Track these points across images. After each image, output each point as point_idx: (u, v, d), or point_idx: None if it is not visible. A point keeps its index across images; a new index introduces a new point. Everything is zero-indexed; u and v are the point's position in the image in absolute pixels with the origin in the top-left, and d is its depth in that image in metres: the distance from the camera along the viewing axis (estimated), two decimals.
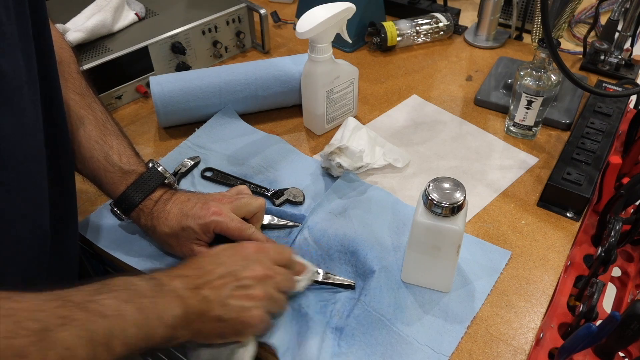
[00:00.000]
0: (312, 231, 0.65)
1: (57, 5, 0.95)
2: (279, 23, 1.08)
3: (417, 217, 0.53)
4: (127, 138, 0.64)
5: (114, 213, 0.61)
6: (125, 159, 0.61)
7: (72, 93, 0.61)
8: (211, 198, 0.61)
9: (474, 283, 0.60)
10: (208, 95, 0.79)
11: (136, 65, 0.86)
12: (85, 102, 0.62)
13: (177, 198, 0.60)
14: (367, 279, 0.59)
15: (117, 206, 0.60)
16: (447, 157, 0.77)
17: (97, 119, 0.62)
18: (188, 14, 0.93)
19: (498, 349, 0.54)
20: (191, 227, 0.57)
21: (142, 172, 0.61)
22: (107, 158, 0.60)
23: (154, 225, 0.59)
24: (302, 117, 0.83)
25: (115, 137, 0.62)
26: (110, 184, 0.60)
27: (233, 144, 0.79)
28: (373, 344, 0.54)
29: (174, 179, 0.64)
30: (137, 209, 0.59)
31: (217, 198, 0.61)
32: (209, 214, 0.58)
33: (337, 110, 0.80)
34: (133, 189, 0.60)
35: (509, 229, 0.67)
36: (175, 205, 0.59)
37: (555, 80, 0.74)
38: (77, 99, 0.61)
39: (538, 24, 0.91)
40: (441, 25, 1.01)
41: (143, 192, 0.60)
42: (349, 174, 0.72)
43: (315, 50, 0.72)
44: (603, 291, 0.55)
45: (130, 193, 0.59)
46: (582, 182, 0.67)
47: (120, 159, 0.61)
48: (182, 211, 0.58)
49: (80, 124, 0.61)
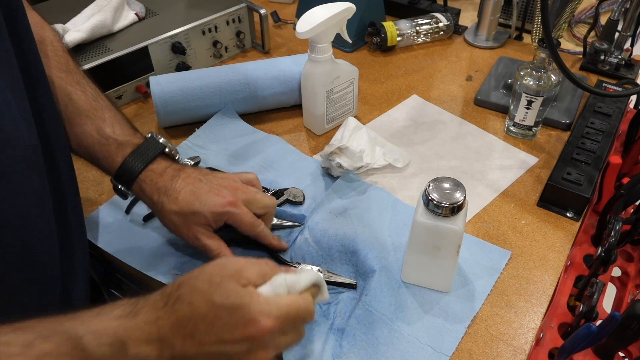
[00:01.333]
0: (312, 231, 0.65)
1: (57, 5, 0.95)
2: (279, 23, 1.09)
3: (417, 217, 0.53)
4: (121, 112, 0.61)
5: (117, 190, 0.58)
6: (119, 131, 0.58)
7: (56, 71, 0.58)
8: (224, 184, 0.58)
9: (474, 283, 0.60)
10: (208, 95, 0.79)
11: (136, 65, 0.86)
12: (73, 78, 0.59)
13: (187, 175, 0.57)
14: (368, 278, 0.59)
15: (118, 179, 0.57)
16: (447, 157, 0.78)
17: (87, 94, 0.59)
18: (188, 14, 0.93)
19: (498, 348, 0.54)
20: (203, 213, 0.55)
21: (139, 142, 0.58)
22: (100, 131, 0.57)
23: (161, 201, 0.56)
24: (302, 117, 0.83)
25: (107, 110, 0.59)
26: (107, 157, 0.57)
27: (233, 144, 0.79)
28: (374, 344, 0.54)
29: (176, 149, 0.61)
30: (139, 180, 0.56)
31: (230, 185, 0.58)
32: (224, 202, 0.56)
33: (337, 110, 0.80)
34: (132, 158, 0.56)
35: (509, 229, 0.67)
36: (186, 184, 0.56)
37: (555, 80, 0.74)
38: (63, 76, 0.58)
39: (538, 24, 0.91)
40: (441, 25, 1.01)
41: (143, 161, 0.56)
42: (349, 174, 0.72)
43: (315, 50, 0.72)
44: (603, 291, 0.55)
45: (129, 162, 0.56)
46: (582, 182, 0.68)
47: (114, 131, 0.57)
48: (193, 193, 0.56)
49: (68, 100, 0.57)
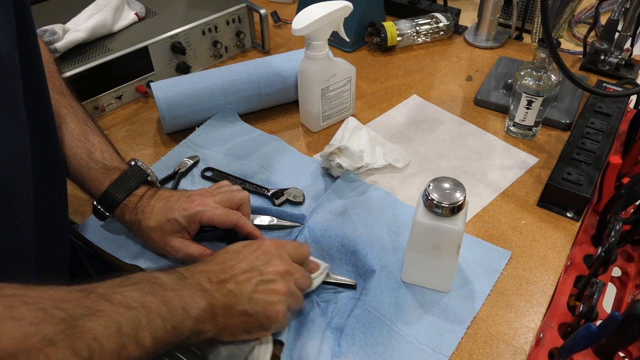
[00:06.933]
0: (312, 231, 0.65)
1: (57, 5, 0.94)
2: (279, 23, 1.09)
3: (417, 217, 0.53)
4: (107, 137, 0.65)
5: (97, 212, 0.61)
6: (108, 156, 0.62)
7: (53, 92, 0.60)
8: (194, 193, 0.62)
9: (474, 283, 0.60)
10: (212, 97, 0.79)
11: (136, 65, 0.86)
12: (66, 101, 0.63)
13: (160, 194, 0.61)
14: (368, 278, 0.59)
15: (101, 203, 0.60)
16: (447, 157, 0.77)
17: (79, 118, 0.62)
18: (188, 14, 0.93)
19: (498, 349, 0.54)
20: (176, 219, 0.58)
21: (125, 169, 0.61)
22: (90, 155, 0.61)
23: (138, 220, 0.59)
24: (299, 114, 0.83)
25: (97, 135, 0.63)
26: (94, 180, 0.60)
27: (233, 144, 0.78)
28: (373, 344, 0.54)
29: (156, 177, 0.65)
30: (122, 204, 0.59)
31: (200, 192, 0.62)
32: (194, 205, 0.59)
33: (333, 108, 0.80)
34: (117, 185, 0.60)
35: (509, 229, 0.67)
36: (160, 200, 0.60)
37: (555, 80, 0.74)
38: (58, 97, 0.62)
39: (538, 24, 0.91)
40: (441, 25, 1.01)
41: (127, 189, 0.60)
42: (349, 174, 0.72)
43: (311, 48, 0.72)
44: (603, 291, 0.55)
45: (114, 189, 0.60)
46: (582, 182, 0.67)
47: (103, 156, 0.61)
48: (166, 205, 0.59)
49: (62, 122, 0.61)
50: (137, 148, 0.80)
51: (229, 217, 0.59)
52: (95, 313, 0.38)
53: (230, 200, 0.62)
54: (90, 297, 0.39)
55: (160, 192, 0.61)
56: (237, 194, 0.63)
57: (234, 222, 0.60)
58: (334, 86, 0.78)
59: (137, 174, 0.61)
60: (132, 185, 0.60)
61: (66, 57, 0.81)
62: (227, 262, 0.51)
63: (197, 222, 0.59)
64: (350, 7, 0.73)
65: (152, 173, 0.63)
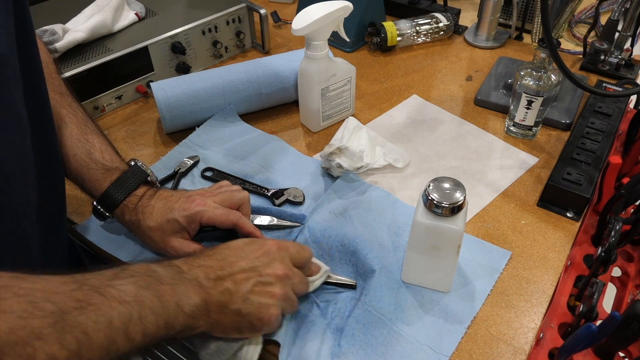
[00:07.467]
0: (312, 231, 0.65)
1: (57, 5, 0.94)
2: (279, 23, 1.09)
3: (417, 217, 0.53)
4: (107, 137, 0.65)
5: (96, 212, 0.61)
6: (108, 157, 0.62)
7: (52, 92, 0.61)
8: (194, 193, 0.62)
9: (474, 283, 0.60)
10: (212, 97, 0.79)
11: (136, 65, 0.86)
12: (65, 101, 0.63)
13: (160, 194, 0.61)
14: (368, 278, 0.59)
15: (101, 204, 0.60)
16: (447, 157, 0.77)
17: (78, 118, 0.62)
18: (188, 14, 0.93)
19: (498, 349, 0.54)
20: (176, 219, 0.58)
21: (124, 169, 0.61)
22: (90, 155, 0.61)
23: (138, 220, 0.59)
24: (299, 114, 0.83)
25: (96, 136, 0.63)
26: (94, 181, 0.60)
27: (233, 144, 0.78)
28: (373, 344, 0.54)
29: (156, 177, 0.65)
30: (122, 205, 0.59)
31: (200, 192, 0.62)
32: (194, 205, 0.59)
33: (333, 108, 0.80)
34: (116, 185, 0.60)
35: (509, 229, 0.67)
36: (159, 200, 0.60)
37: (555, 80, 0.74)
38: (57, 98, 0.62)
39: (538, 24, 0.91)
40: (441, 25, 1.01)
41: (127, 189, 0.60)
42: (349, 174, 0.72)
43: (311, 48, 0.72)
44: (603, 291, 0.55)
45: (114, 189, 0.60)
46: (582, 182, 0.67)
47: (103, 157, 0.61)
48: (166, 205, 0.59)
49: (61, 123, 0.61)
50: (137, 148, 0.80)
51: (229, 217, 0.59)
52: (86, 307, 0.38)
53: (230, 200, 0.62)
54: (83, 289, 0.39)
55: (160, 192, 0.61)
56: (237, 194, 0.62)
57: (234, 222, 0.60)
58: (334, 86, 0.78)
59: (136, 174, 0.61)
60: (132, 186, 0.60)
61: (66, 57, 0.81)
62: (227, 258, 0.51)
63: (197, 222, 0.59)
64: (350, 7, 0.73)
65: (152, 173, 0.63)
